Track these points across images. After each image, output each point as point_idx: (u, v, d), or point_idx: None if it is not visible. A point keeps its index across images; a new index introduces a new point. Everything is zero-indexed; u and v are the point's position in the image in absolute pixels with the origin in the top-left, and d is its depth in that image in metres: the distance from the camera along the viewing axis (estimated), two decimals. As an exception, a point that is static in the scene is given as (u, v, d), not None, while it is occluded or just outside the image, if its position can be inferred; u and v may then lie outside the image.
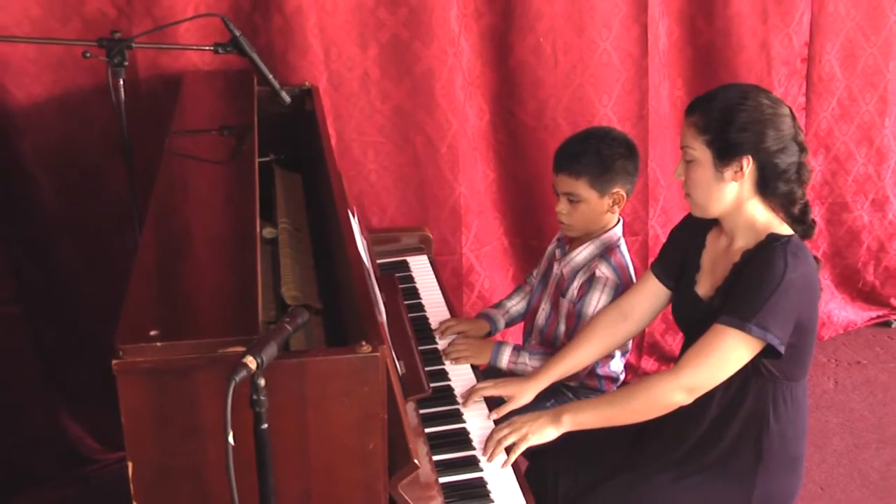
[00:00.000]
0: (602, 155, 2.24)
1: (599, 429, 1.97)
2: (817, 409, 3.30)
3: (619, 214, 2.35)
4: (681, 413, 1.90)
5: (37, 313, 2.80)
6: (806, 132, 3.49)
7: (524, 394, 2.09)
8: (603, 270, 2.26)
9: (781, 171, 1.86)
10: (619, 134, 2.33)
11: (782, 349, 1.80)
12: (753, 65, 3.24)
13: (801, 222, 1.91)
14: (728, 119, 1.84)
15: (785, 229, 1.88)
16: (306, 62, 2.72)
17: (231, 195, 1.94)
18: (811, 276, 1.83)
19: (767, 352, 1.82)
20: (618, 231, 2.33)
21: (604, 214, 2.29)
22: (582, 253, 2.31)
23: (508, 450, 1.91)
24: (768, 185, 1.87)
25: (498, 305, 2.54)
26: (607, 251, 2.30)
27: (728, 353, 1.82)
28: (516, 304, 2.53)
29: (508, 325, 2.53)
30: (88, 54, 2.21)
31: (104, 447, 2.94)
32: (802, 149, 1.88)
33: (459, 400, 2.09)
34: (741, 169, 1.85)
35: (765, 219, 1.89)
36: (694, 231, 2.05)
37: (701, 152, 1.87)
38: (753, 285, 1.81)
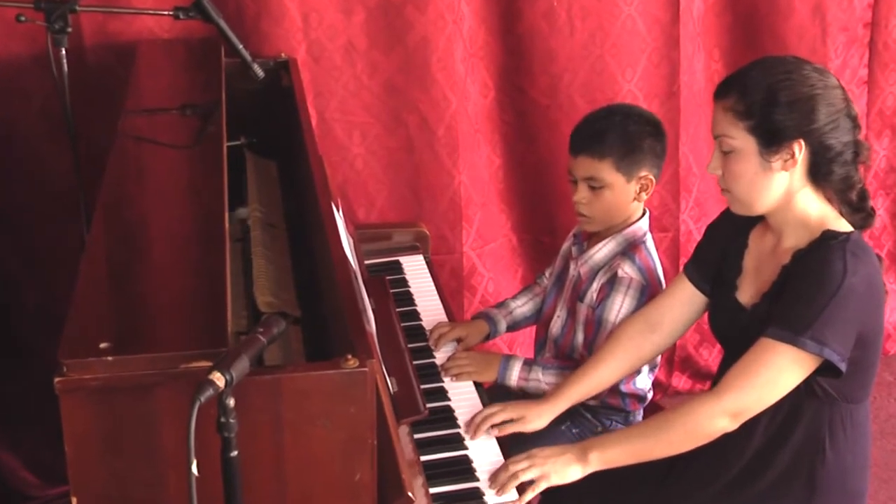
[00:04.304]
0: (629, 132, 2.25)
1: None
2: (882, 436, 3.29)
3: (646, 206, 2.36)
4: (720, 440, 1.90)
5: (-35, 321, 2.80)
6: (868, 110, 3.48)
7: (538, 417, 2.09)
8: (626, 270, 2.26)
9: (837, 152, 1.86)
10: (643, 111, 2.36)
11: (843, 366, 1.80)
12: (805, 32, 3.23)
13: (860, 210, 1.91)
14: (772, 99, 1.83)
15: (843, 225, 1.88)
16: (282, 30, 2.72)
17: (195, 185, 1.95)
18: (874, 280, 1.83)
19: (825, 369, 1.82)
20: (643, 225, 2.33)
21: (630, 203, 2.29)
22: (602, 250, 2.32)
23: (521, 486, 1.89)
24: (822, 171, 1.87)
25: (500, 305, 2.54)
26: (631, 248, 2.30)
27: (778, 372, 1.82)
28: (522, 306, 2.53)
29: (511, 328, 2.53)
30: (24, 18, 2.20)
31: (43, 480, 2.93)
32: (856, 124, 1.89)
33: (461, 423, 2.09)
34: (793, 156, 1.85)
35: (819, 212, 1.89)
36: (734, 228, 2.05)
37: (742, 141, 1.87)
38: (807, 292, 1.80)
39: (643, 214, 2.34)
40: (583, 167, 2.27)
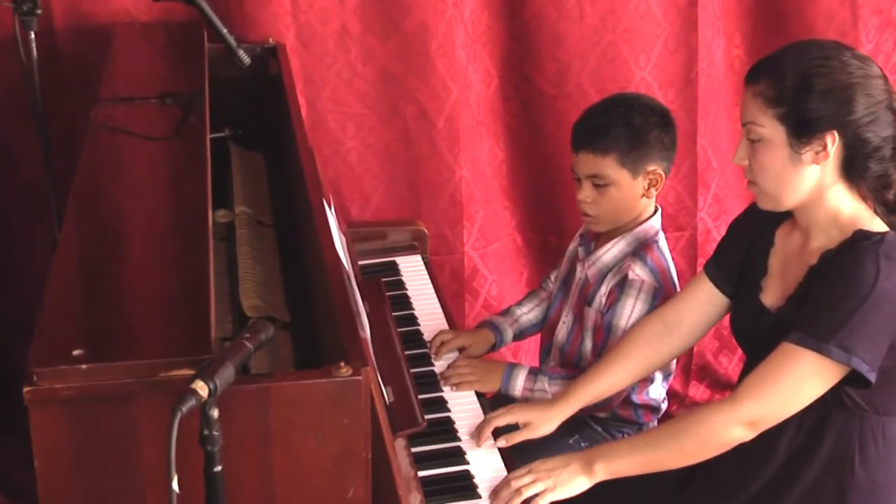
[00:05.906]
0: (633, 125, 2.25)
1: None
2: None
3: (658, 203, 2.36)
4: (740, 454, 1.90)
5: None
6: (904, 100, 3.48)
7: (545, 422, 2.09)
8: (637, 272, 2.26)
9: (874, 147, 1.85)
10: (650, 100, 2.36)
11: (872, 377, 1.80)
12: (834, 14, 3.23)
13: None
14: (807, 86, 1.83)
15: (877, 224, 1.88)
16: (269, 13, 2.73)
17: (176, 179, 1.95)
18: (911, 285, 1.83)
19: (852, 379, 1.82)
20: (655, 223, 2.34)
21: (638, 200, 2.30)
22: (611, 251, 2.32)
23: (525, 501, 1.89)
24: (857, 167, 1.87)
25: (505, 312, 2.55)
26: (642, 248, 2.30)
27: (800, 381, 1.81)
28: (528, 313, 2.54)
29: (518, 337, 2.54)
30: (-11, 0, 2.21)
31: (10, 498, 2.92)
32: None
33: (461, 436, 2.09)
34: (824, 148, 1.85)
35: (851, 210, 1.89)
36: (760, 225, 2.05)
37: (771, 129, 1.87)
38: (835, 295, 1.80)
39: (655, 212, 2.35)
40: (585, 164, 2.27)
